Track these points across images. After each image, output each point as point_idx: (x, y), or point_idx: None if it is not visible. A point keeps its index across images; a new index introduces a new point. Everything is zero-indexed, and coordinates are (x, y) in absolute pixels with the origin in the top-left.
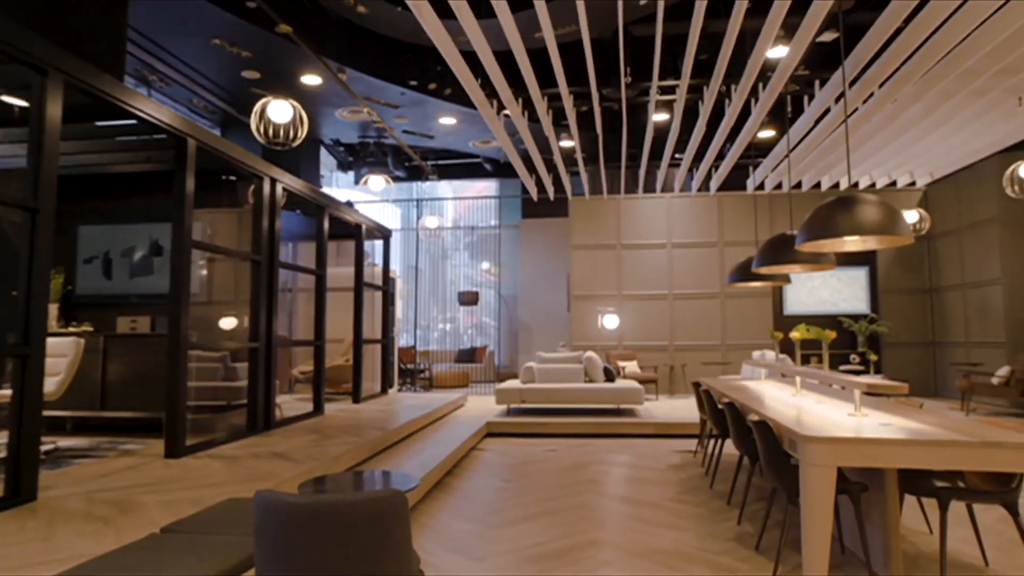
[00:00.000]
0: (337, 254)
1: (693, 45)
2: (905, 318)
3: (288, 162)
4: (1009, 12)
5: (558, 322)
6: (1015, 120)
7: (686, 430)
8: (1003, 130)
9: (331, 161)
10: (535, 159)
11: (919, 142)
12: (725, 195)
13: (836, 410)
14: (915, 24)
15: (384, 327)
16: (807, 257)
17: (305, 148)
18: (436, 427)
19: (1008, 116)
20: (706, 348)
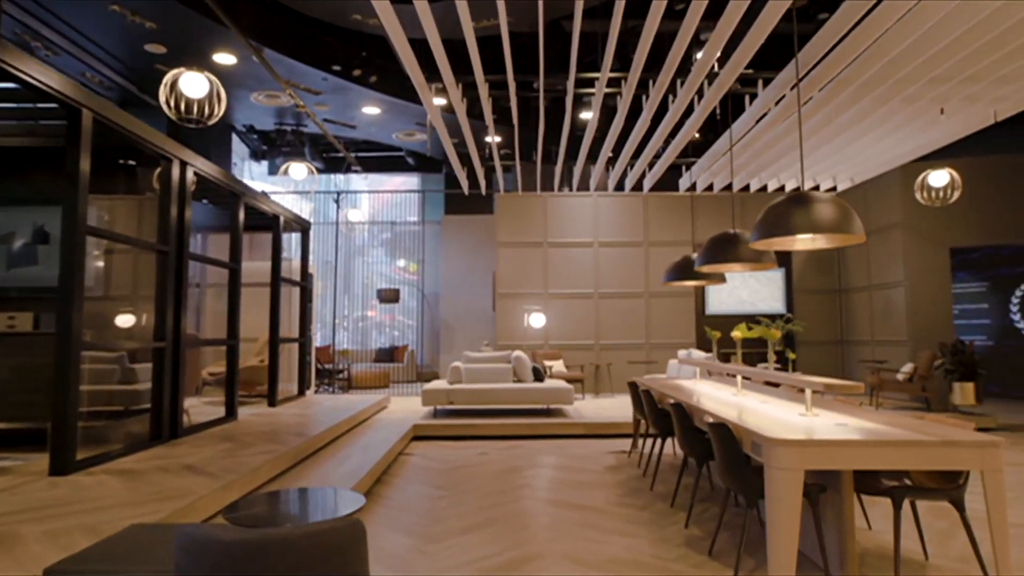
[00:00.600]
0: (250, 247)
1: (613, 43)
2: (817, 317)
3: (196, 147)
4: (947, 21)
5: (481, 321)
6: (934, 130)
7: (617, 430)
8: (923, 139)
9: (243, 149)
10: (472, 152)
11: (849, 146)
12: (651, 195)
13: (785, 410)
14: (861, 28)
15: (302, 325)
16: (749, 256)
17: (216, 133)
18: (360, 431)
19: (929, 125)
20: (631, 347)
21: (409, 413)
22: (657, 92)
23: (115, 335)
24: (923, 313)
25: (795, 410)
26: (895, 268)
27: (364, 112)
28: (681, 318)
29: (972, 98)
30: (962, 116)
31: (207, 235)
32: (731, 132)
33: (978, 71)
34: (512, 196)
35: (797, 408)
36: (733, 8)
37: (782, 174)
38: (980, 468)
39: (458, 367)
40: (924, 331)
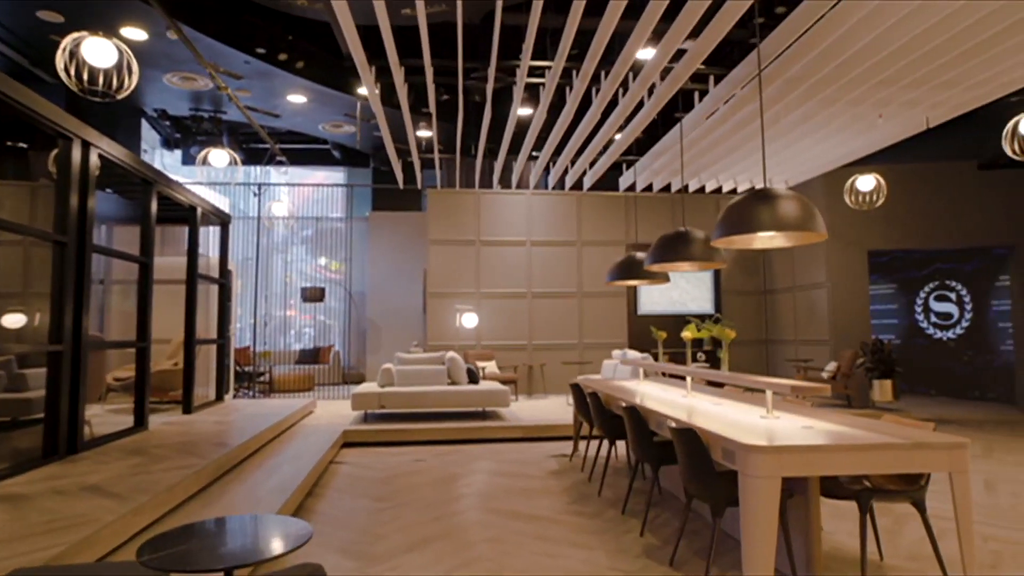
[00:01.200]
0: (162, 242)
1: (532, 37)
2: (743, 317)
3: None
4: (901, 24)
5: (410, 321)
6: (871, 135)
7: (555, 432)
8: (858, 143)
9: (154, 136)
10: (411, 144)
11: (789, 148)
12: (585, 195)
13: (743, 413)
14: (818, 28)
15: (220, 325)
16: (700, 254)
17: (123, 116)
18: (287, 439)
19: (868, 129)
20: (564, 347)
21: (337, 418)
22: (610, 85)
23: (2, 337)
24: (843, 313)
25: (754, 412)
26: (818, 270)
27: (289, 100)
28: (614, 318)
29: (911, 103)
30: (899, 121)
31: (113, 227)
32: (681, 127)
33: (921, 76)
34: (444, 192)
35: (755, 410)
36: (693, 7)
37: (721, 175)
38: (949, 470)
39: (389, 369)
40: (844, 331)
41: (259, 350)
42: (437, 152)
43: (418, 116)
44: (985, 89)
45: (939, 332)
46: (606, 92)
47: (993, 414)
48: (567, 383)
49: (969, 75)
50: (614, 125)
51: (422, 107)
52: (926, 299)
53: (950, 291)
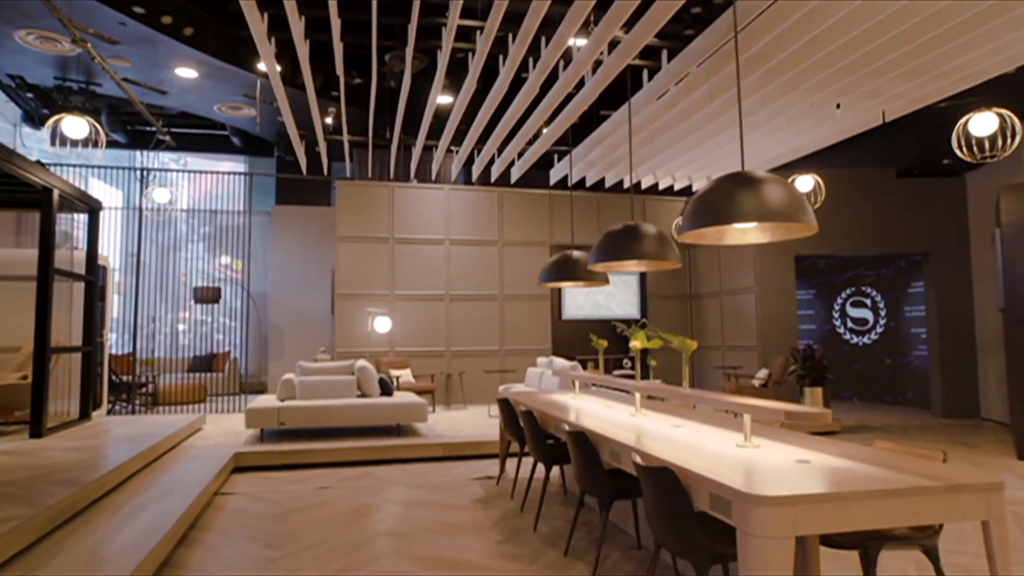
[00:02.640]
0: (18, 230)
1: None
2: (669, 322)
3: None
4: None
5: (316, 324)
6: (822, 129)
7: (478, 450)
8: (807, 138)
9: (14, 111)
10: (316, 127)
11: (733, 142)
12: (507, 192)
13: (713, 439)
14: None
15: (87, 330)
16: (654, 252)
17: None
18: (163, 466)
19: (820, 122)
20: (484, 354)
21: (230, 436)
22: (539, 73)
23: None
24: (771, 319)
25: (727, 439)
26: (746, 274)
27: (177, 75)
28: (537, 323)
29: (870, 93)
30: (855, 113)
31: None
32: (630, 106)
33: (884, 64)
34: (355, 184)
35: (726, 436)
36: None
37: (659, 170)
38: (987, 517)
39: (291, 380)
40: (772, 337)
41: (144, 357)
42: (347, 138)
43: (326, 100)
44: (947, 81)
45: (855, 337)
46: (536, 80)
47: (910, 418)
48: (488, 392)
49: (933, 65)
50: (544, 112)
51: (331, 90)
52: (843, 305)
53: (866, 297)
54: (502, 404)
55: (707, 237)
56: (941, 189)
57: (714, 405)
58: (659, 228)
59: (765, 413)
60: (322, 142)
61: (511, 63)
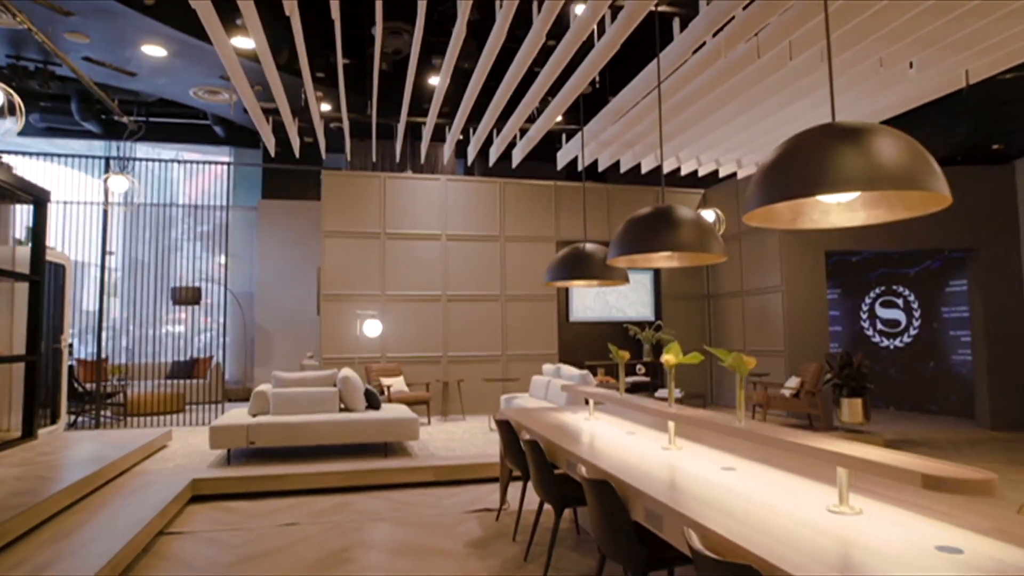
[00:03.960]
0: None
1: None
2: (685, 325)
3: None
4: None
5: (305, 327)
6: (890, 94)
7: (475, 473)
8: (869, 106)
9: None
10: (283, 111)
11: (792, 105)
12: (509, 183)
13: (789, 493)
14: None
15: (32, 336)
16: (692, 242)
17: None
18: (100, 500)
19: (888, 85)
20: (485, 360)
21: (196, 456)
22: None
23: None
24: (800, 321)
25: (808, 496)
26: (771, 272)
27: (145, 53)
28: (542, 326)
29: (957, 46)
30: (934, 72)
31: None
32: (658, 61)
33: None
34: (342, 175)
35: (803, 489)
36: None
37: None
38: None
39: (263, 393)
40: (800, 341)
41: (114, 364)
42: (345, 123)
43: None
44: None
45: (886, 340)
46: (537, 35)
47: (956, 431)
48: (489, 401)
49: None
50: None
51: (317, 71)
52: (872, 305)
53: (897, 296)
54: (502, 426)
55: (777, 219)
56: (987, 178)
57: (802, 454)
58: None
59: (881, 471)
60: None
61: (506, 15)
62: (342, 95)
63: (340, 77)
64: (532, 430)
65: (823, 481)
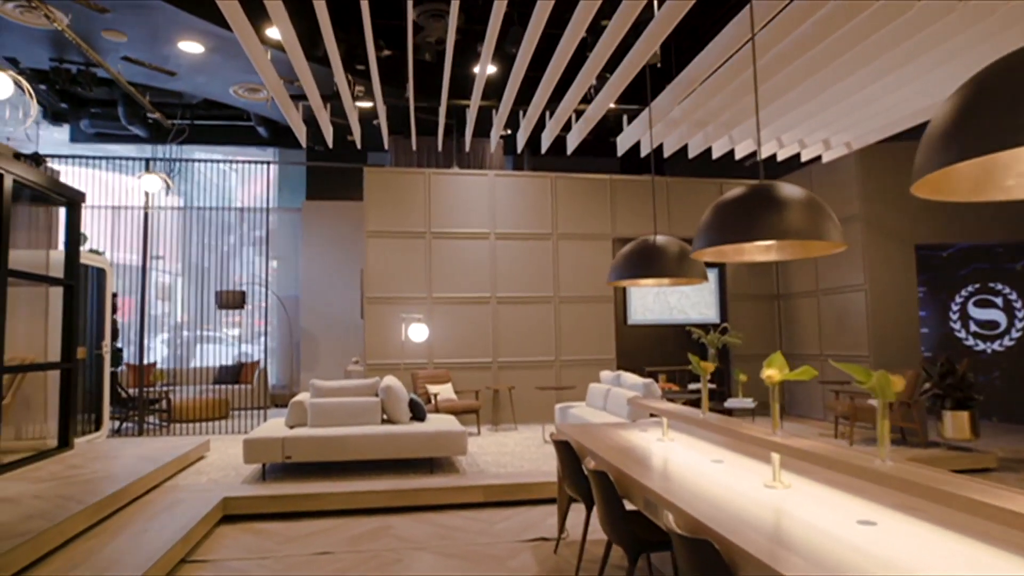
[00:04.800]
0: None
1: None
2: (753, 327)
3: None
4: None
5: (351, 331)
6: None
7: (529, 493)
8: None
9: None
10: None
11: (870, 87)
12: (561, 177)
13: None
14: None
15: (67, 344)
16: (803, 227)
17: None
18: (134, 513)
19: (983, 59)
20: (537, 366)
21: (233, 468)
22: None
23: None
24: (887, 323)
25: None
26: (852, 269)
27: (182, 50)
28: (598, 329)
29: None
30: None
31: None
32: (751, 9)
33: None
34: (385, 172)
35: (981, 555)
36: None
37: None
38: None
39: (301, 403)
40: (888, 345)
41: (159, 369)
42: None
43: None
44: None
45: (981, 343)
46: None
47: None
48: (543, 409)
49: None
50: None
51: (357, 63)
52: (964, 304)
53: (995, 295)
54: (561, 447)
55: (953, 187)
56: None
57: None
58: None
59: None
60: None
61: None
62: (376, 86)
63: (373, 67)
64: (597, 455)
65: (1004, 546)
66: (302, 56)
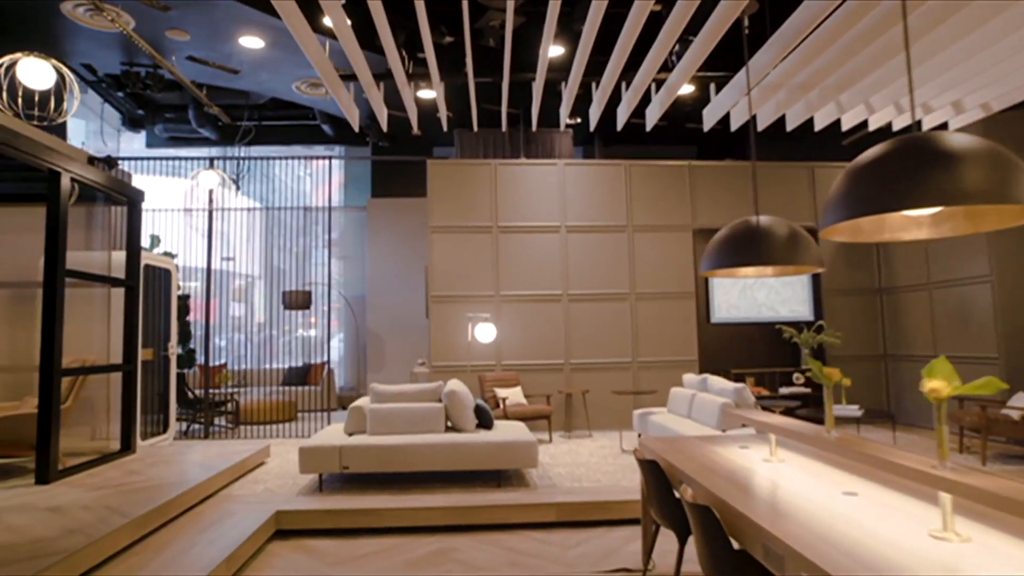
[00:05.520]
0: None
1: None
2: (852, 325)
3: None
4: None
5: (417, 332)
6: None
7: (609, 513)
8: None
9: (113, 115)
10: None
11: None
12: (635, 165)
13: None
14: None
15: (129, 345)
16: (976, 189)
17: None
18: (182, 527)
19: None
20: (613, 367)
21: (291, 476)
22: None
23: None
24: (1020, 322)
25: None
26: (974, 258)
27: (243, 46)
28: (678, 328)
29: None
30: None
31: None
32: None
33: None
34: (449, 164)
35: None
36: None
37: (928, 84)
38: None
39: (360, 408)
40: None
41: (235, 370)
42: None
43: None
44: None
45: None
46: None
47: None
48: (619, 415)
49: None
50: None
51: (417, 50)
52: None
53: None
54: (647, 467)
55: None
56: None
57: None
58: None
59: None
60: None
61: None
62: (433, 70)
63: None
64: (695, 481)
65: None
66: (353, 40)
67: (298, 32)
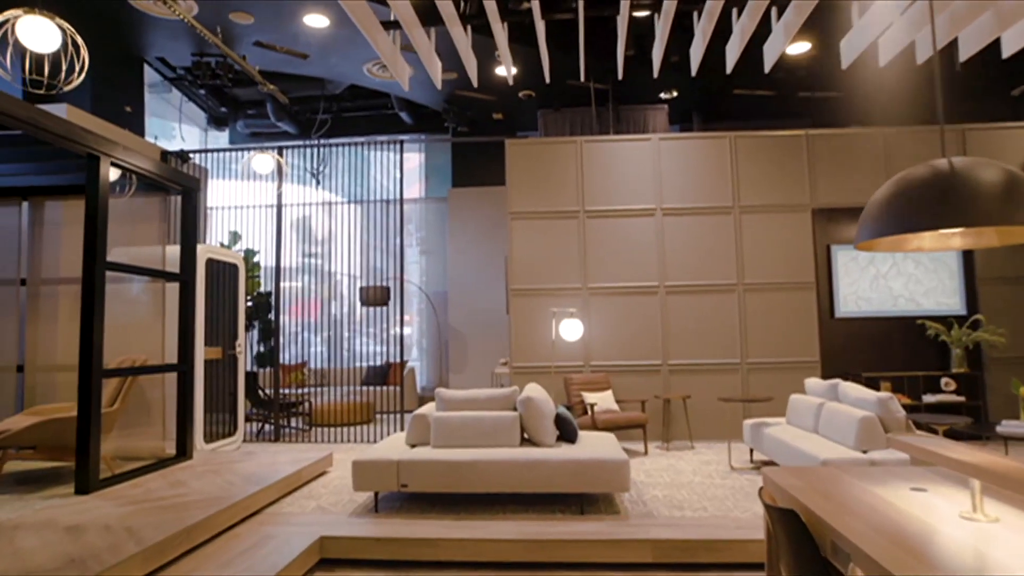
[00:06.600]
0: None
1: None
2: (1016, 321)
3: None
4: None
5: (500, 329)
6: None
7: (718, 555)
8: None
9: (198, 114)
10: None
11: None
12: (740, 136)
13: None
14: None
15: (184, 344)
16: None
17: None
18: (210, 554)
19: None
20: (718, 369)
21: (348, 492)
22: None
23: None
24: None
25: None
26: None
27: (308, 25)
28: (795, 325)
29: None
30: None
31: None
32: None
33: None
34: (529, 144)
35: None
36: None
37: None
38: None
39: (424, 417)
40: None
41: (315, 368)
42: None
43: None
44: None
45: None
46: None
47: None
48: (727, 424)
49: None
50: None
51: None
52: None
53: None
54: (779, 520)
55: None
56: None
57: None
58: None
59: None
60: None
61: None
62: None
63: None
64: (870, 557)
65: None
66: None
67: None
